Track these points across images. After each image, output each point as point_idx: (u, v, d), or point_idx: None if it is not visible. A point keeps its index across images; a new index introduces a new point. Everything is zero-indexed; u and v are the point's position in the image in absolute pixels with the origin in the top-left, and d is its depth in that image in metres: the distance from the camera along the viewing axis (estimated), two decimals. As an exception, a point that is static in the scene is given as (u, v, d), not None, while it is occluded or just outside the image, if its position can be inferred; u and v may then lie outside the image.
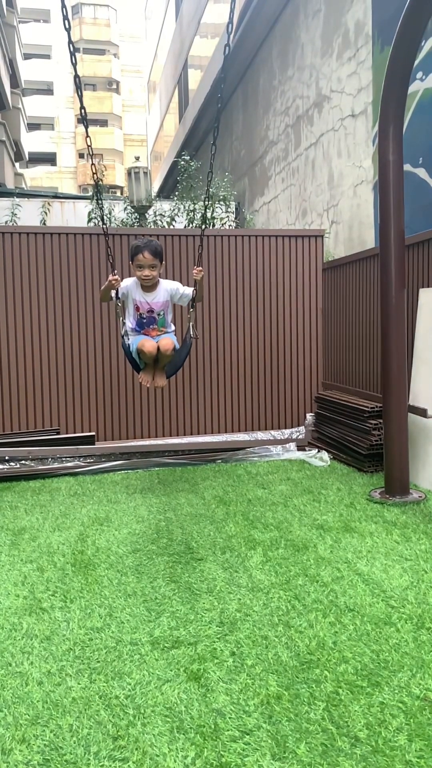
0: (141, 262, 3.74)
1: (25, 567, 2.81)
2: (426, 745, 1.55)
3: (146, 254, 3.71)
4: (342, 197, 7.10)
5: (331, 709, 1.70)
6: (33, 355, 5.13)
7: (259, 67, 10.19)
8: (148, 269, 3.75)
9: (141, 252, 3.72)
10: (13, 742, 1.60)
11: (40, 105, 35.99)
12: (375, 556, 2.80)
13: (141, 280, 3.78)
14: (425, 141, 5.16)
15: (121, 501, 3.87)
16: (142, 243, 3.76)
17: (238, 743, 1.58)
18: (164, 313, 3.90)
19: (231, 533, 3.18)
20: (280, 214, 9.48)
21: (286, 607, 2.32)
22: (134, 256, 3.77)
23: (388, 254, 3.71)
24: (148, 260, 3.72)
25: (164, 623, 2.23)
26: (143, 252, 3.72)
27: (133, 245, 3.80)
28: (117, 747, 1.58)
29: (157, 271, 3.81)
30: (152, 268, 3.76)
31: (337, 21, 7.07)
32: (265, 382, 5.58)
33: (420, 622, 2.17)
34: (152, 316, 3.85)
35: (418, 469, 3.99)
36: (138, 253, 3.74)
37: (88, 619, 2.28)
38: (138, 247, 3.76)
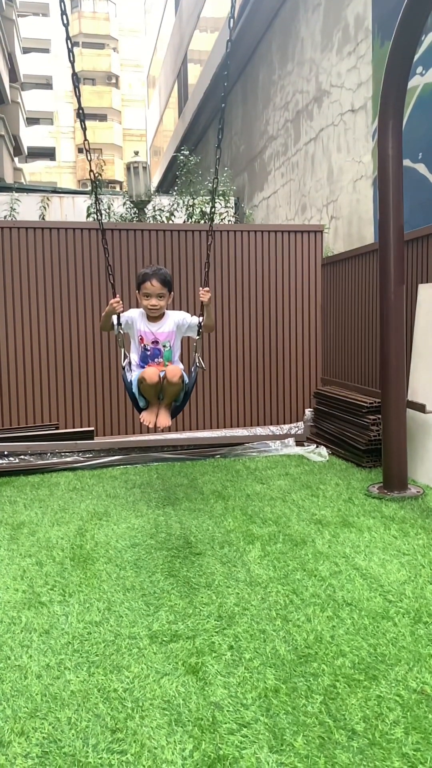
0: (148, 290, 3.46)
1: (24, 561, 2.82)
2: (422, 737, 1.56)
3: (154, 282, 3.44)
4: (341, 192, 7.09)
5: (329, 702, 1.71)
6: (32, 350, 5.13)
7: (258, 61, 10.15)
8: (156, 299, 3.47)
9: (148, 280, 3.45)
10: (12, 735, 1.61)
11: (39, 99, 35.87)
12: (373, 551, 2.81)
13: (147, 310, 3.50)
14: (425, 136, 5.15)
15: (120, 496, 3.88)
16: (150, 270, 3.49)
17: (235, 736, 1.58)
18: (171, 345, 3.53)
19: (229, 528, 3.19)
20: (280, 209, 9.47)
21: (284, 602, 2.32)
22: (141, 284, 3.50)
23: (388, 250, 3.71)
24: (156, 289, 3.45)
25: (163, 617, 2.24)
26: (151, 280, 3.44)
27: (140, 273, 3.55)
28: (115, 740, 1.59)
29: (166, 301, 3.52)
30: (160, 298, 3.47)
31: (336, 15, 7.05)
32: (264, 377, 5.58)
33: (417, 616, 2.18)
34: (157, 347, 3.50)
35: (417, 465, 4.00)
36: (145, 281, 3.47)
37: (86, 613, 2.29)
38: (146, 274, 3.49)
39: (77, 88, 3.23)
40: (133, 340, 3.58)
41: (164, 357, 3.50)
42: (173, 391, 3.37)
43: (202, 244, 5.41)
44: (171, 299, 3.57)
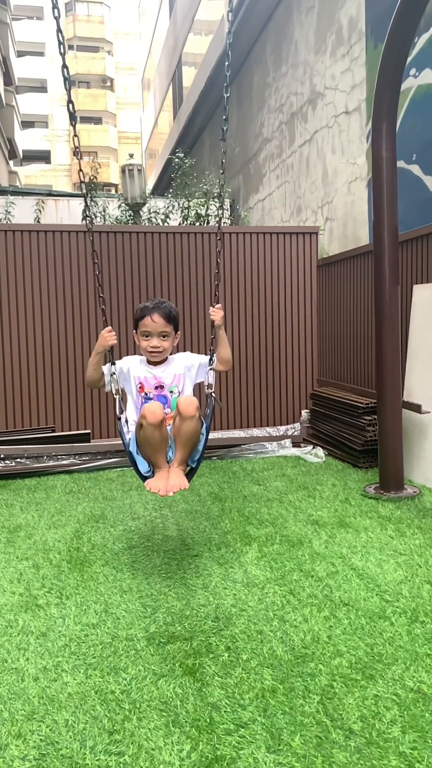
0: (148, 328, 2.73)
1: (20, 564, 2.81)
2: (419, 736, 1.56)
3: (155, 318, 2.72)
4: (336, 194, 7.11)
5: (326, 702, 1.72)
6: (28, 353, 5.13)
7: (252, 64, 10.18)
8: (158, 339, 2.73)
9: (148, 315, 2.74)
10: (9, 738, 1.61)
11: (34, 102, 35.86)
12: (369, 551, 2.81)
13: (147, 353, 2.76)
14: (419, 137, 5.18)
15: (117, 498, 3.88)
16: (151, 304, 2.79)
17: (233, 736, 1.59)
18: (180, 391, 2.77)
19: (226, 529, 3.19)
20: (275, 211, 9.49)
21: (281, 602, 2.33)
22: (139, 320, 2.77)
23: (382, 251, 3.72)
24: (157, 326, 2.72)
25: (160, 619, 2.24)
26: (151, 315, 2.73)
27: (138, 307, 2.84)
28: (113, 741, 1.59)
29: (170, 342, 2.78)
30: (163, 338, 2.74)
31: (330, 18, 7.07)
32: (260, 379, 5.59)
33: (414, 616, 2.18)
34: (162, 394, 2.75)
35: (413, 465, 4.01)
36: (144, 317, 2.75)
37: (83, 615, 2.28)
38: (145, 308, 2.78)
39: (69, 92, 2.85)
40: (130, 394, 2.81)
41: (172, 405, 2.68)
42: (188, 432, 2.49)
43: (198, 247, 5.41)
44: (178, 341, 2.86)
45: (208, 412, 2.80)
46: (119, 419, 2.76)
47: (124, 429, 2.73)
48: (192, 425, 2.49)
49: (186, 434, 2.51)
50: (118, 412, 2.76)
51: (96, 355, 2.78)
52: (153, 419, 2.42)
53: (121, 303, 5.19)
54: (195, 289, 5.39)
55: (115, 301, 5.18)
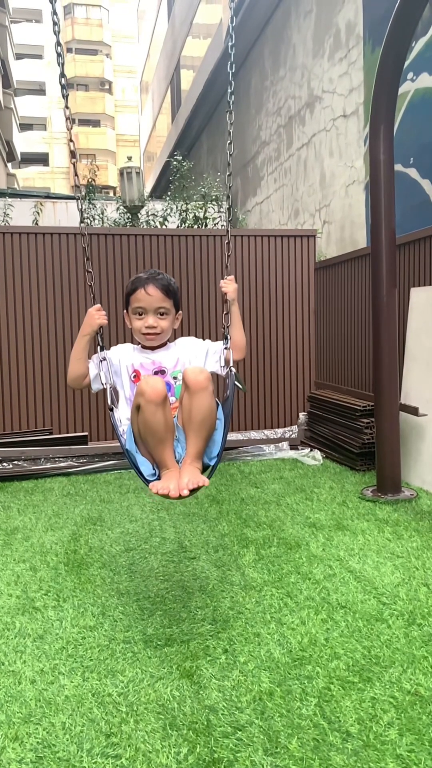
0: (142, 303, 2.26)
1: (18, 567, 2.81)
2: (416, 739, 1.56)
3: (151, 290, 2.25)
4: (334, 197, 7.12)
5: (323, 704, 1.71)
6: (26, 355, 5.12)
7: (250, 67, 10.20)
8: (155, 316, 2.26)
9: (142, 287, 2.26)
10: (6, 741, 1.61)
11: (33, 105, 35.90)
12: (367, 554, 2.81)
13: (142, 336, 2.29)
14: (416, 141, 5.19)
15: (114, 500, 3.87)
16: (145, 274, 2.31)
17: (230, 739, 1.58)
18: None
19: (224, 532, 3.19)
20: (273, 214, 9.50)
21: (279, 605, 2.33)
22: (130, 295, 2.30)
23: (380, 254, 3.73)
24: (154, 300, 2.25)
25: (157, 621, 2.24)
26: (146, 286, 2.25)
27: (130, 280, 2.35)
28: (110, 744, 1.58)
29: (170, 321, 2.30)
30: (161, 316, 2.27)
31: (328, 21, 7.10)
32: (257, 381, 5.59)
33: (411, 618, 2.19)
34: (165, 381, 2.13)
35: (410, 467, 4.01)
36: (136, 289, 2.27)
37: (81, 617, 2.28)
38: (137, 279, 2.30)
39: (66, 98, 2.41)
40: (123, 390, 2.29)
41: (176, 392, 2.22)
42: (201, 411, 1.97)
43: (196, 250, 5.42)
44: (179, 322, 2.38)
45: (228, 395, 2.23)
46: (111, 411, 2.23)
47: (117, 424, 2.21)
48: (205, 401, 1.96)
49: (199, 415, 1.96)
50: (109, 402, 2.23)
51: (81, 339, 2.28)
52: (154, 395, 1.91)
53: (120, 305, 5.18)
54: (194, 291, 5.39)
55: (114, 303, 5.18)
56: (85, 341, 2.30)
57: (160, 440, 1.98)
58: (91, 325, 2.29)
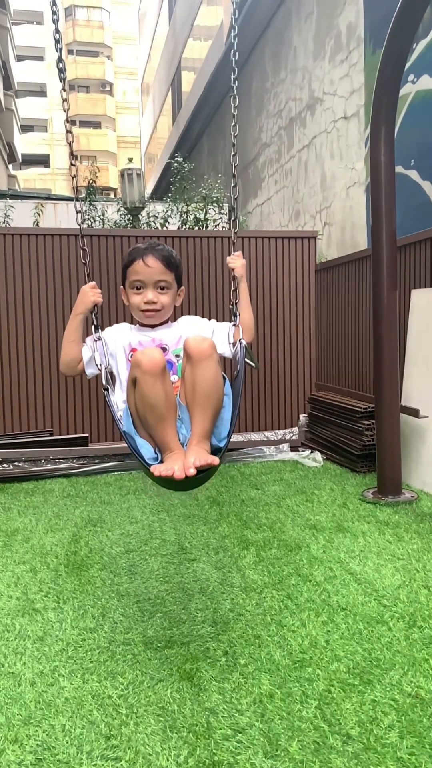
0: (141, 276, 2.08)
1: (18, 568, 2.80)
2: (417, 741, 1.56)
3: (151, 261, 2.07)
4: (334, 199, 7.13)
5: (324, 707, 1.71)
6: (26, 356, 5.12)
7: (251, 69, 10.22)
8: (154, 291, 2.08)
9: (140, 258, 2.08)
10: (6, 742, 1.60)
11: (34, 107, 35.97)
12: (367, 556, 2.81)
13: (141, 314, 2.11)
14: (417, 143, 5.20)
15: (115, 502, 3.87)
16: (144, 245, 2.14)
17: (230, 741, 1.58)
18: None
19: (224, 533, 3.18)
20: (273, 215, 9.51)
21: (279, 607, 2.32)
22: (127, 267, 2.13)
23: (380, 255, 3.73)
24: (154, 272, 2.07)
25: (157, 623, 2.23)
26: (144, 257, 2.08)
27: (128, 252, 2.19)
28: (110, 746, 1.58)
29: (171, 297, 2.12)
30: (162, 291, 2.10)
31: (329, 23, 7.10)
32: (258, 383, 5.59)
33: (412, 621, 2.18)
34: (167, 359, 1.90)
35: (411, 469, 4.01)
36: (134, 261, 2.10)
37: (81, 619, 2.28)
38: (135, 250, 2.13)
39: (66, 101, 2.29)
40: (119, 373, 2.09)
41: (179, 371, 2.01)
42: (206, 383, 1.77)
43: (197, 251, 5.42)
44: (182, 299, 2.21)
45: (239, 370, 2.05)
46: (106, 391, 2.00)
47: (114, 408, 1.99)
48: (210, 372, 1.77)
49: (203, 388, 1.77)
50: (104, 381, 2.01)
51: (74, 318, 2.11)
52: (151, 365, 1.72)
53: (120, 307, 5.18)
54: (194, 292, 5.39)
55: (113, 305, 5.18)
56: (78, 321, 2.11)
57: (161, 417, 1.75)
58: (85, 302, 2.12)
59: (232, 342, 2.15)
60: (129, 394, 1.84)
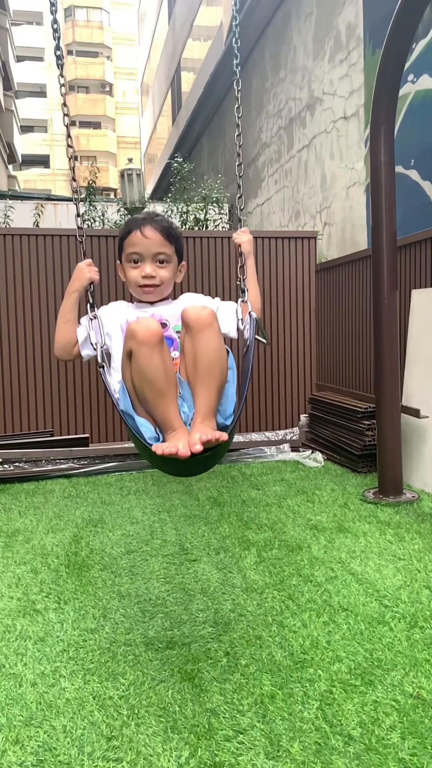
0: (138, 248, 1.93)
1: (18, 569, 2.80)
2: (419, 742, 1.56)
3: (149, 231, 1.92)
4: (335, 199, 7.13)
5: (325, 707, 1.71)
6: (26, 356, 5.12)
7: (251, 69, 10.22)
8: (153, 264, 1.93)
9: (138, 228, 1.93)
10: (7, 743, 1.60)
11: (33, 107, 35.98)
12: (368, 556, 2.81)
13: (138, 290, 1.97)
14: (417, 143, 5.19)
15: (115, 502, 3.87)
16: (142, 215, 2.01)
17: (231, 742, 1.58)
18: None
19: (225, 534, 3.18)
20: (273, 216, 9.51)
21: (280, 607, 2.32)
22: (124, 239, 1.98)
23: (380, 256, 3.73)
24: (152, 244, 1.92)
25: (158, 624, 2.23)
26: (142, 228, 1.92)
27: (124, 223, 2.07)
28: (111, 747, 1.58)
29: (171, 272, 1.98)
30: (161, 264, 1.95)
31: (328, 23, 7.10)
32: (258, 383, 5.59)
33: (413, 621, 2.18)
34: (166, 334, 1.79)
35: (411, 470, 4.00)
36: (131, 231, 1.95)
37: (82, 620, 2.27)
38: (133, 221, 1.99)
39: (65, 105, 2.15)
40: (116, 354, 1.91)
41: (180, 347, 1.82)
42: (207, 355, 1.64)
43: (197, 251, 5.42)
44: (182, 276, 2.08)
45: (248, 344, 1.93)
46: (102, 369, 1.88)
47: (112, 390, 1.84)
48: (211, 342, 1.64)
49: (205, 359, 1.64)
50: (99, 359, 1.89)
51: (69, 297, 1.98)
52: (147, 335, 1.57)
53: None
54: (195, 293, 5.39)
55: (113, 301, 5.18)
56: (73, 299, 1.99)
57: (160, 392, 1.60)
58: (80, 279, 1.97)
59: (241, 318, 2.01)
60: (124, 369, 1.68)
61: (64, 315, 1.99)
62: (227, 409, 1.72)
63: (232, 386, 1.75)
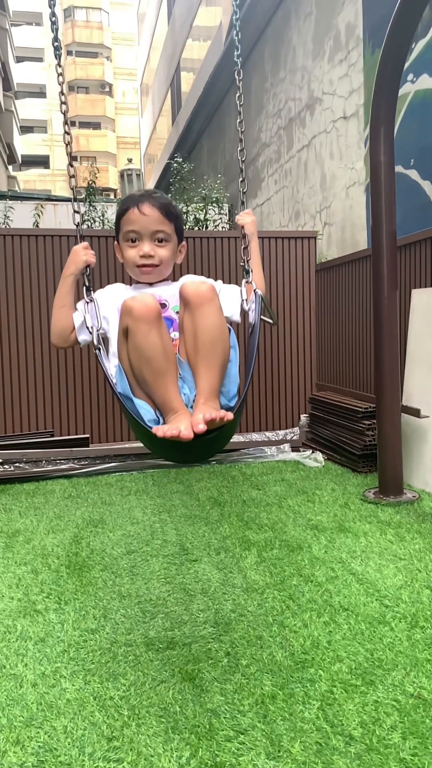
0: (135, 226, 1.84)
1: (19, 569, 2.80)
2: (420, 742, 1.55)
3: (147, 208, 1.82)
4: (334, 199, 7.12)
5: (326, 708, 1.71)
6: (26, 356, 5.12)
7: (250, 69, 10.21)
8: (151, 243, 1.85)
9: (135, 206, 1.83)
10: (8, 744, 1.60)
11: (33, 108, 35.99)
12: (369, 556, 2.80)
13: (136, 270, 1.88)
14: (417, 143, 5.19)
15: (116, 503, 3.87)
16: (139, 191, 1.93)
17: (232, 743, 1.58)
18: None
19: (225, 534, 3.18)
20: (273, 215, 9.51)
21: (281, 607, 2.32)
22: (121, 217, 1.88)
23: (380, 255, 3.73)
24: (150, 221, 1.83)
25: (159, 624, 2.23)
26: (140, 205, 1.83)
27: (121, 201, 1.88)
28: (111, 748, 1.58)
29: (171, 251, 1.88)
30: (159, 243, 1.86)
31: (328, 23, 7.10)
32: (259, 383, 5.58)
33: (414, 621, 2.18)
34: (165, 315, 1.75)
35: (412, 469, 4.00)
36: (128, 209, 1.85)
37: (82, 620, 2.27)
38: (130, 198, 1.89)
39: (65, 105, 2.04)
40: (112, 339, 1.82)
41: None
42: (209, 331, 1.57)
43: (197, 252, 5.42)
44: (183, 256, 1.98)
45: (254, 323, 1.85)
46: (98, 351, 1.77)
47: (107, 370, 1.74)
48: (212, 317, 1.57)
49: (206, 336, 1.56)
50: (95, 341, 1.79)
51: (65, 281, 1.90)
52: (144, 310, 1.50)
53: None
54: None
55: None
56: (69, 283, 1.90)
57: (160, 372, 1.52)
58: (76, 262, 1.87)
59: (245, 298, 1.92)
60: (121, 349, 1.61)
61: (59, 300, 1.91)
62: (231, 389, 1.66)
63: (235, 366, 1.68)
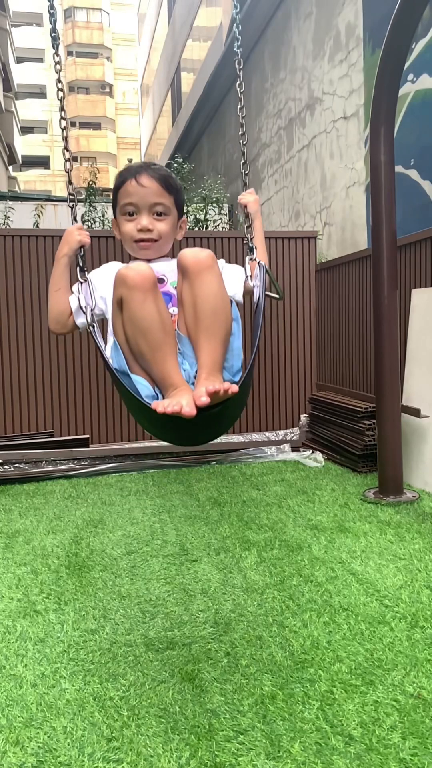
0: (133, 198, 1.73)
1: (19, 570, 2.80)
2: (419, 742, 1.55)
3: (145, 180, 1.72)
4: (334, 199, 7.13)
5: (326, 708, 1.71)
6: (26, 357, 5.12)
7: (251, 69, 10.22)
8: (149, 216, 1.74)
9: (132, 177, 1.74)
10: (7, 745, 1.60)
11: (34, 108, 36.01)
12: (369, 556, 2.80)
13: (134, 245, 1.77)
14: (417, 142, 5.19)
15: (116, 503, 3.87)
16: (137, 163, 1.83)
17: (232, 743, 1.58)
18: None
19: (225, 534, 3.18)
20: (273, 216, 9.51)
21: (281, 607, 2.32)
22: (119, 188, 1.77)
23: (380, 255, 3.73)
24: (148, 193, 1.73)
25: (158, 624, 2.23)
26: (138, 177, 1.73)
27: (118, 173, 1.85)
28: (111, 748, 1.58)
29: (170, 226, 1.78)
30: (158, 216, 1.75)
31: (328, 23, 7.10)
32: (259, 383, 5.58)
33: (414, 621, 2.18)
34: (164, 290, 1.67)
35: (412, 469, 4.00)
36: (126, 181, 1.75)
37: (82, 621, 2.27)
38: (127, 170, 1.79)
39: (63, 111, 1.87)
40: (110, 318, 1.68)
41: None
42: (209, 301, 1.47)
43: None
44: (183, 233, 1.87)
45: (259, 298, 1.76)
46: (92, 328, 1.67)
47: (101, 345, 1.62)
48: (212, 286, 1.48)
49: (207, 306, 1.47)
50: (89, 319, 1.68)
51: (59, 263, 1.81)
52: (138, 279, 1.43)
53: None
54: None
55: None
56: (63, 264, 1.81)
57: (157, 345, 1.43)
58: (70, 243, 1.78)
59: (250, 274, 1.83)
60: (116, 322, 1.52)
61: (54, 284, 1.82)
62: (234, 364, 1.56)
63: (238, 339, 1.59)
